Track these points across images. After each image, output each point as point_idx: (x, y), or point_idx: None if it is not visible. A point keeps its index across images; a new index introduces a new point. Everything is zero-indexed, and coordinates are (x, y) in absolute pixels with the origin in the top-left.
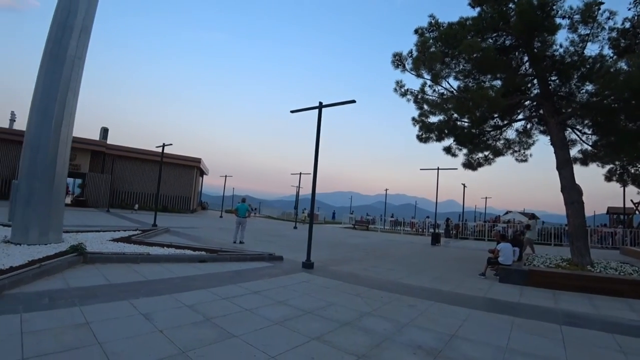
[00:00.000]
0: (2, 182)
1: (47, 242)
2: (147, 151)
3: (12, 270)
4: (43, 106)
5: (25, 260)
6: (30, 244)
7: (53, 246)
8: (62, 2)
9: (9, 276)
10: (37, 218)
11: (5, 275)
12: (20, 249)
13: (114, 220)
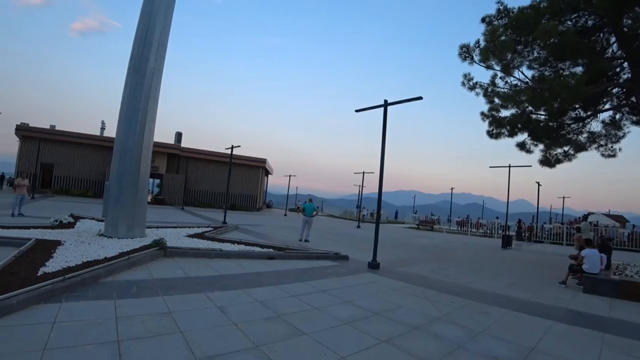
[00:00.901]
0: (96, 183)
1: (133, 236)
2: (217, 153)
3: (107, 260)
4: (129, 115)
5: (116, 252)
6: (119, 237)
7: (138, 240)
8: (142, 20)
9: (104, 266)
10: (124, 215)
11: (101, 265)
12: (112, 241)
13: (187, 217)
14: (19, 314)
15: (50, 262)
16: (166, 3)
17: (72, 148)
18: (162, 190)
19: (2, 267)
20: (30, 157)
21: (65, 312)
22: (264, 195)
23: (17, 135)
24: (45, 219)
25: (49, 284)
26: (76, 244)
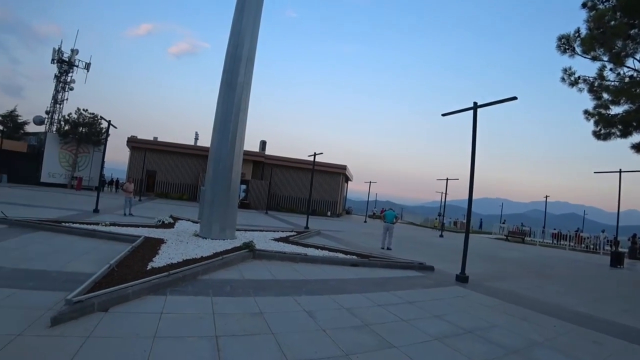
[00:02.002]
0: (190, 187)
1: (225, 237)
2: (299, 160)
3: (203, 259)
4: (222, 126)
5: (211, 252)
6: (213, 238)
7: (229, 241)
8: (232, 38)
9: (201, 265)
10: (218, 217)
11: (199, 263)
12: (206, 242)
13: (271, 221)
14: (133, 303)
15: (156, 258)
16: (253, 22)
17: (171, 156)
18: (248, 195)
19: (119, 261)
20: (137, 165)
21: (170, 304)
22: (343, 202)
23: (127, 146)
24: (150, 219)
25: (157, 278)
26: (176, 242)
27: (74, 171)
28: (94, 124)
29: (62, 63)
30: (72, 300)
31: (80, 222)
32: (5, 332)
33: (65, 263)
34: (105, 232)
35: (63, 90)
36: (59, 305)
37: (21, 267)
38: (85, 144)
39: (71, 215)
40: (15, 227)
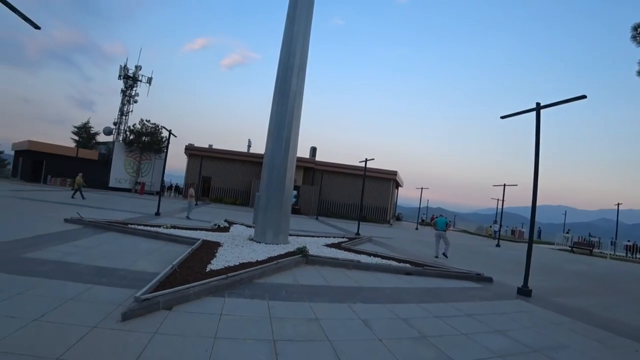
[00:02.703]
0: (243, 193)
1: (278, 242)
2: (348, 166)
3: (258, 263)
4: (276, 133)
5: (265, 256)
6: (266, 243)
7: (282, 246)
8: (284, 48)
9: (257, 269)
10: (271, 222)
11: (255, 267)
12: (260, 246)
13: (322, 226)
14: (194, 303)
15: (214, 260)
16: (303, 31)
17: (225, 163)
18: (299, 200)
19: (180, 262)
20: (194, 171)
21: (228, 306)
22: (394, 208)
23: (185, 153)
24: (206, 222)
25: (216, 280)
26: (232, 246)
27: (137, 177)
28: (155, 133)
29: (128, 78)
30: (140, 298)
31: (144, 224)
32: (83, 324)
33: (132, 262)
34: (167, 234)
35: (128, 103)
36: (128, 302)
37: (94, 265)
38: (148, 152)
39: (136, 217)
40: (89, 227)
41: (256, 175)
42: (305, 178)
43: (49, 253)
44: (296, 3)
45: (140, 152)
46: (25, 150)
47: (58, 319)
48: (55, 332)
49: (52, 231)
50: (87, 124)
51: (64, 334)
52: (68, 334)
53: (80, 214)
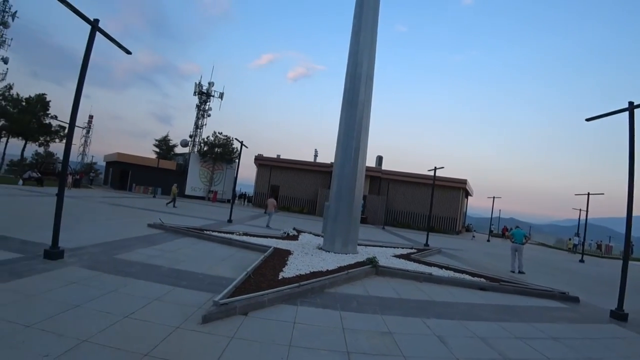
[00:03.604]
0: (310, 201)
1: (347, 252)
2: (416, 174)
3: (329, 273)
4: (345, 143)
5: (335, 266)
6: (335, 252)
7: (351, 256)
8: (351, 59)
9: (328, 278)
10: (340, 232)
11: (326, 277)
12: (330, 255)
13: (389, 236)
14: (269, 310)
15: (285, 268)
16: (369, 41)
17: (292, 173)
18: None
19: (254, 269)
20: (263, 180)
21: (301, 314)
22: (463, 218)
23: (255, 163)
24: (275, 230)
25: (289, 288)
26: (302, 254)
27: (210, 185)
28: (227, 145)
29: (202, 94)
30: (218, 302)
31: (218, 231)
32: (167, 324)
33: (209, 267)
34: (240, 241)
35: (202, 117)
36: (207, 305)
37: (175, 268)
38: (220, 162)
39: (210, 224)
40: (169, 232)
41: (322, 184)
42: (371, 187)
43: (136, 255)
44: (361, 15)
45: (213, 162)
46: (114, 162)
47: (145, 317)
48: (143, 330)
49: (138, 235)
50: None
51: (151, 332)
52: (154, 332)
53: (161, 219)
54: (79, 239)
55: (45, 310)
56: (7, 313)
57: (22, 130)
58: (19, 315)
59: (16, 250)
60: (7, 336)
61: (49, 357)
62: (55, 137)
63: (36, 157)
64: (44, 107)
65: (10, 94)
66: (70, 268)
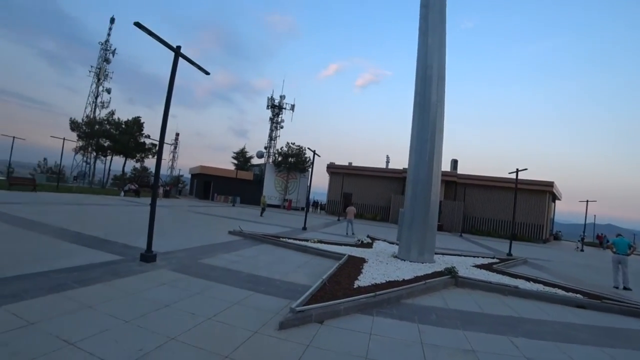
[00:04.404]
0: (382, 208)
1: (423, 261)
2: (494, 178)
3: (405, 283)
4: (419, 147)
5: (412, 275)
6: (411, 261)
7: (428, 265)
8: (420, 61)
9: (405, 288)
10: (416, 240)
11: (402, 287)
12: (405, 264)
13: (467, 245)
14: (344, 319)
15: (361, 276)
16: (438, 41)
17: (364, 180)
18: (441, 216)
19: (329, 277)
20: (336, 188)
21: (377, 325)
22: (550, 224)
23: (327, 171)
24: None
25: (364, 297)
26: (377, 262)
27: (285, 194)
28: (300, 154)
29: (274, 107)
30: (295, 309)
31: (294, 238)
32: (246, 328)
33: (285, 273)
34: (314, 248)
35: (275, 129)
36: (284, 311)
37: (254, 274)
38: (294, 171)
39: (286, 231)
40: (248, 239)
41: (395, 190)
42: (447, 193)
43: (218, 260)
44: (427, 15)
45: (287, 171)
46: (198, 174)
47: (226, 320)
48: (224, 332)
49: (219, 241)
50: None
51: (231, 335)
52: (234, 335)
53: (241, 227)
54: (169, 244)
55: (141, 308)
56: (111, 309)
57: (123, 149)
58: (120, 312)
59: (118, 253)
60: (111, 329)
61: (142, 351)
62: (148, 154)
63: (134, 172)
64: (139, 128)
65: (113, 118)
66: (162, 271)
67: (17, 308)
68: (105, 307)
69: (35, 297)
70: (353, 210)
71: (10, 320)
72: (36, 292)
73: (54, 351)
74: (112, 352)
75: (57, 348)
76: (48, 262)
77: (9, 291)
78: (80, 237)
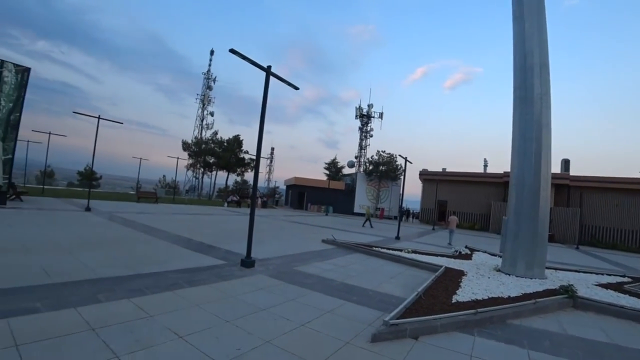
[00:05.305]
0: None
1: (532, 276)
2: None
3: (511, 300)
4: (522, 147)
5: (519, 292)
6: (517, 275)
7: (538, 282)
8: (516, 50)
9: (511, 307)
10: (523, 252)
11: (507, 305)
12: (510, 279)
13: (585, 259)
14: (441, 336)
15: (459, 291)
16: (537, 25)
17: (460, 186)
18: (551, 225)
19: (425, 289)
20: (429, 196)
21: (479, 348)
22: None
23: (420, 178)
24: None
25: (464, 314)
26: (477, 276)
27: (377, 203)
28: (391, 162)
29: (363, 117)
30: (388, 322)
31: (387, 248)
32: (338, 337)
33: (378, 284)
34: (408, 258)
35: (365, 138)
36: (376, 323)
37: (346, 283)
38: (385, 180)
39: (378, 240)
40: (340, 248)
41: (496, 196)
42: (557, 198)
43: (312, 268)
44: None
45: (379, 180)
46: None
47: (319, 328)
48: (316, 340)
49: (313, 249)
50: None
51: (323, 344)
52: (326, 344)
53: (334, 235)
54: (266, 251)
55: (240, 310)
56: (214, 309)
57: (225, 164)
58: (222, 312)
59: (221, 258)
60: (213, 327)
61: (240, 350)
62: (247, 168)
63: (235, 185)
64: (239, 145)
65: (216, 138)
66: (259, 276)
67: (140, 301)
68: (210, 307)
69: (154, 293)
70: (455, 220)
71: (135, 312)
72: (155, 288)
73: (166, 342)
74: (214, 348)
75: (170, 339)
76: (165, 263)
77: (135, 286)
78: (190, 243)
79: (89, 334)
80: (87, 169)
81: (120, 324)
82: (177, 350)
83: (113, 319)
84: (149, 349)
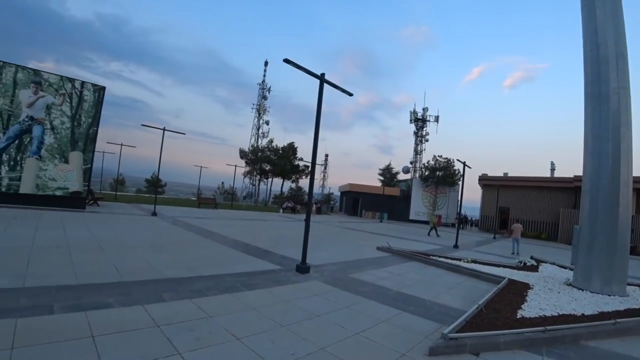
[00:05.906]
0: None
1: (610, 293)
2: None
3: (585, 319)
4: (596, 148)
5: (595, 311)
6: (592, 291)
7: (617, 299)
8: (587, 41)
9: (586, 326)
10: (599, 265)
11: (581, 324)
12: (583, 295)
13: None
14: (504, 354)
15: (525, 305)
16: (611, 8)
17: (524, 192)
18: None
19: (486, 302)
20: (490, 202)
21: None
22: None
23: (479, 184)
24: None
25: (531, 331)
26: (545, 290)
27: (434, 210)
28: (448, 167)
29: (418, 121)
30: (447, 335)
31: (444, 257)
32: (394, 349)
33: (436, 294)
34: (468, 268)
35: (420, 143)
36: (434, 336)
37: (402, 292)
38: (442, 186)
39: (435, 249)
40: (396, 256)
41: (565, 203)
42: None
43: (367, 275)
44: None
45: (436, 186)
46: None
47: (374, 338)
48: (371, 349)
49: (368, 257)
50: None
51: (378, 354)
52: (381, 354)
53: (389, 243)
54: (321, 257)
55: (295, 315)
56: (270, 312)
57: (281, 171)
58: (277, 316)
59: (277, 263)
60: (268, 330)
61: (294, 355)
62: (302, 175)
63: (290, 191)
64: (294, 152)
65: (272, 146)
66: (314, 282)
67: (201, 302)
68: (265, 311)
69: (214, 295)
70: (520, 228)
71: (196, 312)
72: (214, 290)
73: (224, 342)
74: (269, 351)
75: (227, 340)
76: (223, 266)
77: (196, 287)
78: (247, 248)
79: (154, 330)
80: (153, 176)
81: (182, 322)
82: (234, 351)
83: (176, 317)
84: (208, 348)
